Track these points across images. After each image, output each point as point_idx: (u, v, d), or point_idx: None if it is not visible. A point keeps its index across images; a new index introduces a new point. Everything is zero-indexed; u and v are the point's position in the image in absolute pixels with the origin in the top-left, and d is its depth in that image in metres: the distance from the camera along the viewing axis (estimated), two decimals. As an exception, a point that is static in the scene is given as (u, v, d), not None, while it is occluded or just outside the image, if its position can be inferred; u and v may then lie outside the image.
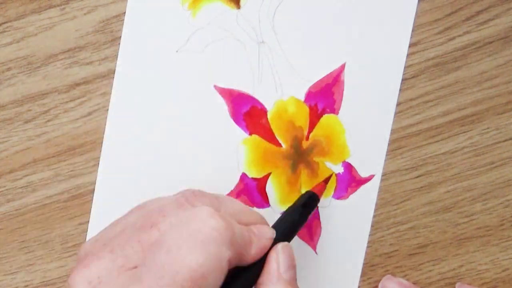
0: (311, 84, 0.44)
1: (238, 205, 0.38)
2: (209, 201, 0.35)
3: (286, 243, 0.37)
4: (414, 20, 0.44)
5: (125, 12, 0.44)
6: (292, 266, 0.37)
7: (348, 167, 0.45)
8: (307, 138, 0.45)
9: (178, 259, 0.31)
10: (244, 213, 0.38)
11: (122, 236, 0.34)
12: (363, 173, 0.45)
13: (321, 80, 0.44)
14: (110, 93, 0.45)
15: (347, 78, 0.44)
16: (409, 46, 0.45)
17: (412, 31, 0.44)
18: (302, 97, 0.45)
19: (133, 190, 0.45)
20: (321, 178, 0.45)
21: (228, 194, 0.44)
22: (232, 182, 0.44)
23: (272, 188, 0.45)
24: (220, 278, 0.32)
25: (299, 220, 0.39)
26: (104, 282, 0.32)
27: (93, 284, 0.32)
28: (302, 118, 0.44)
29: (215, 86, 0.44)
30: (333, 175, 0.44)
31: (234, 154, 0.44)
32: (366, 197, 0.45)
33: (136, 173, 0.45)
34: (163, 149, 0.44)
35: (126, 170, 0.45)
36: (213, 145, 0.44)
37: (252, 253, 0.35)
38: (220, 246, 0.32)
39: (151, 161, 0.44)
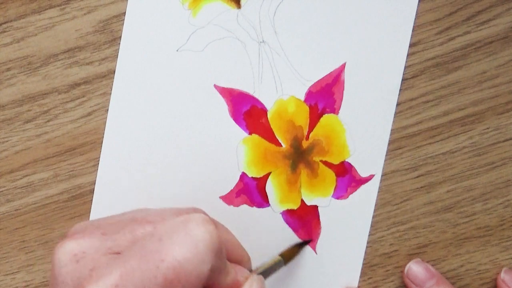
0: (311, 83, 0.45)
1: (231, 237, 0.39)
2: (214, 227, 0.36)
3: (261, 276, 0.38)
4: (414, 20, 0.44)
5: (125, 12, 0.44)
6: None
7: (348, 167, 0.45)
8: (307, 137, 0.45)
9: (167, 249, 0.32)
10: (234, 247, 0.39)
11: (116, 224, 0.35)
12: (363, 173, 0.45)
13: (321, 80, 0.44)
14: (110, 93, 0.45)
15: (347, 78, 0.45)
16: (409, 46, 0.45)
17: (412, 31, 0.44)
18: (302, 96, 0.45)
19: (133, 190, 0.45)
20: (321, 178, 0.45)
21: (228, 194, 0.45)
22: (232, 181, 0.44)
23: (271, 188, 0.45)
24: (198, 282, 0.32)
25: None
26: (88, 258, 0.33)
27: (77, 257, 0.33)
28: (302, 117, 0.45)
29: (215, 86, 0.44)
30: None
31: (234, 153, 0.44)
32: (366, 197, 0.45)
33: (136, 173, 0.45)
34: (163, 148, 0.44)
35: (126, 170, 0.45)
36: (213, 144, 0.44)
37: (226, 283, 0.35)
38: (208, 250, 0.33)
39: (151, 161, 0.44)
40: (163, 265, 0.32)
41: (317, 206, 0.45)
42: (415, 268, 0.44)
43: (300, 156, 0.45)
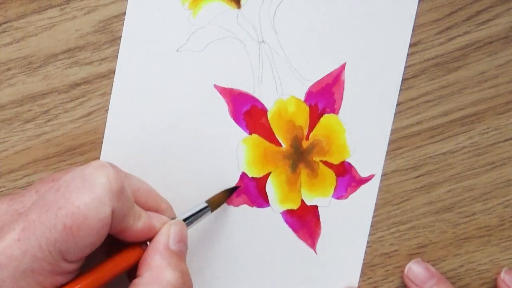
0: (311, 83, 0.45)
1: (144, 185, 0.39)
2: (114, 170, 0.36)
3: (180, 220, 0.38)
4: (414, 20, 0.44)
5: (125, 12, 0.44)
6: (183, 242, 0.37)
7: (348, 167, 0.45)
8: (307, 137, 0.45)
9: (64, 197, 0.33)
10: (148, 194, 0.39)
11: (25, 190, 0.37)
12: (363, 173, 0.45)
13: (321, 80, 0.44)
14: (110, 93, 0.45)
15: (347, 78, 0.45)
16: (409, 46, 0.45)
17: (412, 31, 0.44)
18: (302, 96, 0.45)
19: (133, 190, 0.45)
20: (321, 178, 0.45)
21: (228, 194, 0.45)
22: (232, 181, 0.44)
23: (271, 188, 0.45)
24: (101, 226, 0.33)
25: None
26: None
27: None
28: (302, 117, 0.45)
29: (215, 86, 0.44)
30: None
31: (234, 153, 0.44)
32: (366, 197, 0.45)
33: (136, 173, 0.44)
34: (163, 148, 0.44)
35: (125, 170, 0.44)
36: (213, 144, 0.44)
37: (138, 227, 0.36)
38: (107, 192, 0.33)
39: (151, 161, 0.44)
40: (61, 212, 0.32)
41: (317, 206, 0.45)
42: (415, 268, 0.44)
43: (300, 156, 0.45)
